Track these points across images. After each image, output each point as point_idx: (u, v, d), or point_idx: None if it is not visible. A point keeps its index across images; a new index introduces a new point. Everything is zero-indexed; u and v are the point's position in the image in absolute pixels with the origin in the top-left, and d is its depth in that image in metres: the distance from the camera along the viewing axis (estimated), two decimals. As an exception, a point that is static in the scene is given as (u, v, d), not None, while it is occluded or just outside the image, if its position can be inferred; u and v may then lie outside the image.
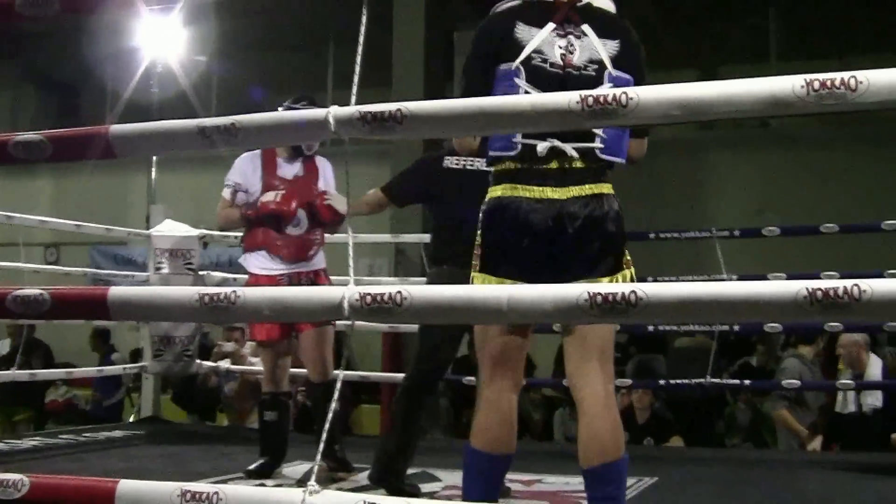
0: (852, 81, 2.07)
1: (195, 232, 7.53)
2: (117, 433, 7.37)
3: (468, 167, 4.92)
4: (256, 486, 5.03)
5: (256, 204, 5.42)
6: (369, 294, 2.31)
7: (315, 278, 5.55)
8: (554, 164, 3.06)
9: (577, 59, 3.09)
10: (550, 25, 3.11)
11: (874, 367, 7.10)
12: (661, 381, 7.75)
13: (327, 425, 2.65)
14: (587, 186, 3.05)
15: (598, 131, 3.06)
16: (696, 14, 13.99)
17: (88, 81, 15.88)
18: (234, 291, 2.38)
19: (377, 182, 5.45)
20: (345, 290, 2.33)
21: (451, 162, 5.00)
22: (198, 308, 2.41)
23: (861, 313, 2.06)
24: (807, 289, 2.04)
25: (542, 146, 3.04)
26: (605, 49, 3.11)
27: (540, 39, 3.09)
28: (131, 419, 8.34)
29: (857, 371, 7.14)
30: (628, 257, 3.17)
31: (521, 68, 3.08)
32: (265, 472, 5.50)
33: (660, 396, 8.43)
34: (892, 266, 6.52)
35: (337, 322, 5.36)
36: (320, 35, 15.06)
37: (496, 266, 3.10)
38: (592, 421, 3.05)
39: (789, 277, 6.27)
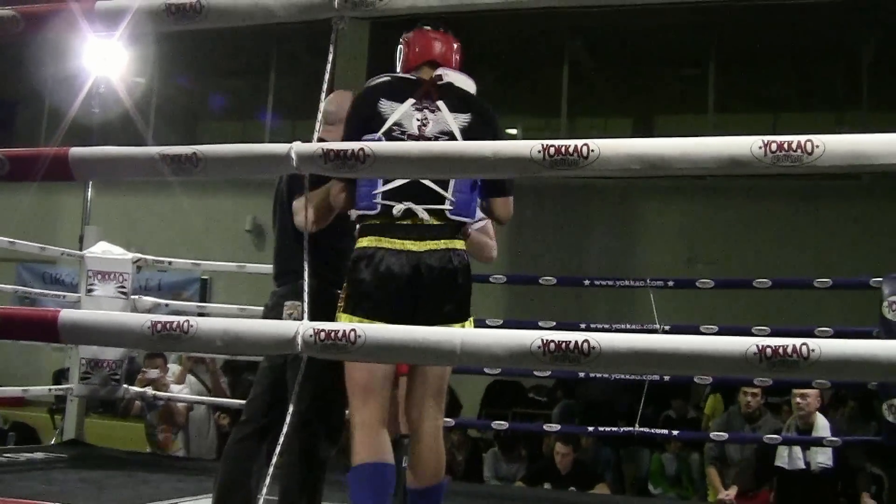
0: (809, 145, 2.12)
1: (129, 255, 7.45)
2: (39, 455, 7.24)
3: None
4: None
5: None
6: (323, 330, 2.32)
7: None
8: (410, 222, 3.47)
9: (430, 130, 3.54)
10: (410, 101, 3.57)
11: (823, 428, 7.12)
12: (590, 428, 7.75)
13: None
14: (441, 241, 3.48)
15: (449, 195, 3.49)
16: (633, 63, 14.08)
17: (25, 97, 15.68)
18: (188, 321, 2.37)
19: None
20: (299, 326, 2.34)
21: None
22: (148, 336, 2.39)
23: (808, 372, 2.11)
24: (757, 346, 2.09)
25: (397, 208, 3.45)
26: (455, 122, 3.56)
27: (400, 114, 3.54)
28: (52, 441, 8.18)
29: (804, 427, 7.15)
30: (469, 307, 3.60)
31: (383, 139, 3.48)
32: None
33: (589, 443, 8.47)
34: (822, 322, 6.59)
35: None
36: (261, 63, 15.06)
37: (358, 307, 3.43)
38: (426, 450, 3.57)
39: (720, 330, 6.35)
